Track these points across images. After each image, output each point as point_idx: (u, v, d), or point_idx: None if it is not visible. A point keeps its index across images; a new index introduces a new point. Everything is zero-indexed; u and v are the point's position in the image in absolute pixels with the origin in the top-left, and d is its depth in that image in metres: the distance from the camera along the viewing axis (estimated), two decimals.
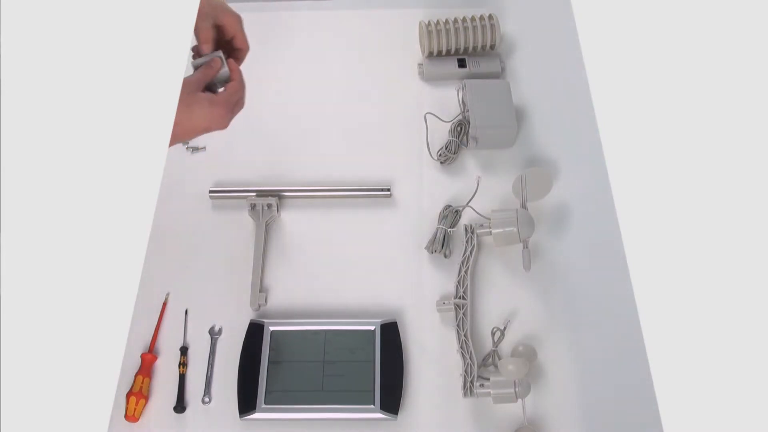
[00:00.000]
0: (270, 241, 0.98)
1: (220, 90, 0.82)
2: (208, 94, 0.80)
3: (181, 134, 0.79)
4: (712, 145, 0.51)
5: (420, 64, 1.14)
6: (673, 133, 0.53)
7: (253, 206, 0.98)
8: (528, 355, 0.87)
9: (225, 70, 0.82)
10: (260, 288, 0.93)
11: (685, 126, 0.53)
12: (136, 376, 0.86)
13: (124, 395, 0.84)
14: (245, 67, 0.86)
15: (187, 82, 0.78)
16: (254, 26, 1.18)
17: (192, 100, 0.77)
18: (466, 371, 0.86)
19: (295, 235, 0.99)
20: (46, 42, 0.50)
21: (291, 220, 1.00)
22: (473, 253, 0.94)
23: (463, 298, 0.91)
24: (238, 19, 0.87)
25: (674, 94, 0.54)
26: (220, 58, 0.82)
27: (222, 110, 0.79)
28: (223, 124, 0.80)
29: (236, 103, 0.82)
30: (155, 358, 0.89)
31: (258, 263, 0.95)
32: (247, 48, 0.88)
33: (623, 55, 0.59)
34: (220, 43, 0.86)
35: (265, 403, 0.84)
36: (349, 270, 0.96)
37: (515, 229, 0.90)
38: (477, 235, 0.95)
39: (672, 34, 0.57)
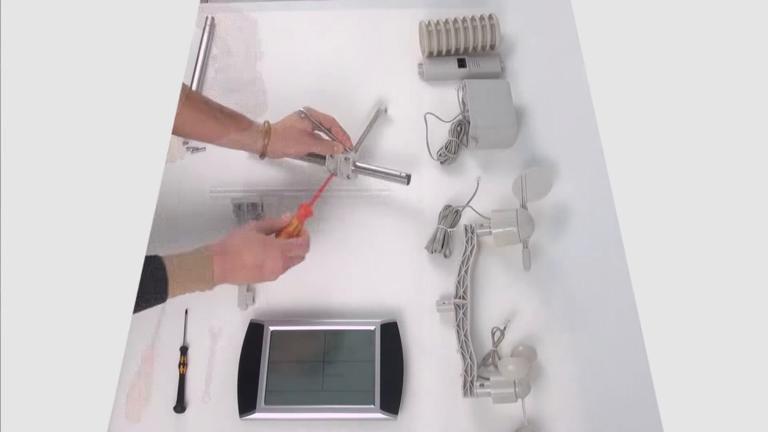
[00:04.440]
0: None
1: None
2: (280, 240, 0.83)
3: (234, 272, 0.80)
4: (712, 145, 0.51)
5: (420, 64, 1.14)
6: (672, 132, 0.53)
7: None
8: (528, 355, 0.87)
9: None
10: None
11: (685, 125, 0.53)
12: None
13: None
14: (255, 71, 0.83)
15: (257, 227, 0.82)
16: (254, 26, 1.19)
17: (266, 241, 0.81)
18: (466, 371, 0.86)
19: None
20: (46, 42, 0.50)
21: None
22: (473, 253, 0.94)
23: (463, 298, 0.91)
24: (332, 119, 0.97)
25: (674, 94, 0.54)
26: (299, 224, 0.86)
27: (278, 253, 0.81)
28: (277, 268, 0.81)
29: (293, 258, 0.84)
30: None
31: None
32: (347, 138, 0.98)
33: (623, 54, 0.59)
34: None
35: (265, 403, 0.84)
36: (349, 270, 0.96)
37: (515, 229, 0.90)
38: (477, 235, 0.95)
39: (671, 33, 0.57)
